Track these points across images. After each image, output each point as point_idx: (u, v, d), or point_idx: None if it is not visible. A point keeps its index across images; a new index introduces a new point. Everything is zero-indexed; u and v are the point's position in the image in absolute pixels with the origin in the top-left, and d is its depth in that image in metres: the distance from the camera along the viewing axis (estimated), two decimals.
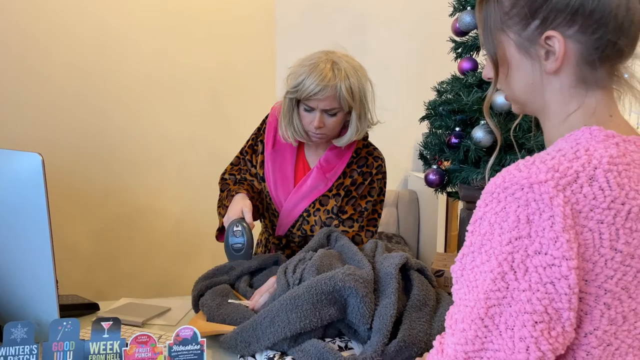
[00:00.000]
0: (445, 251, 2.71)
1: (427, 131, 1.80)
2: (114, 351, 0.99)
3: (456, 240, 2.57)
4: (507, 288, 0.63)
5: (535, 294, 0.61)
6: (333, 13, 2.94)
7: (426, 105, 1.77)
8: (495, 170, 1.51)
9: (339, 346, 1.10)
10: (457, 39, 1.73)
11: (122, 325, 1.21)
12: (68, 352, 0.98)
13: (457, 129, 1.63)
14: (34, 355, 0.97)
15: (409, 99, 2.88)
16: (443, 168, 1.69)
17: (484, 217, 0.67)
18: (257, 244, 1.68)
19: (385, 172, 1.57)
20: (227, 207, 1.43)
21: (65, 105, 2.04)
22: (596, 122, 0.72)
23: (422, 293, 1.15)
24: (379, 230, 2.97)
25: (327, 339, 1.11)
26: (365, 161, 1.53)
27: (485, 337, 0.64)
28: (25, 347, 0.97)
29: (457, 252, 1.73)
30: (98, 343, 0.99)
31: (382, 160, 1.57)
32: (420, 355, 1.05)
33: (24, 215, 1.06)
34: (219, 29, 2.44)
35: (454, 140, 1.61)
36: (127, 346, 0.96)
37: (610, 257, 0.63)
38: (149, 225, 2.31)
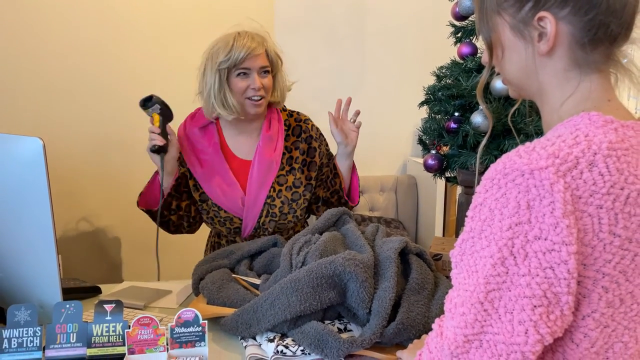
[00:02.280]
0: (443, 235, 2.73)
1: (426, 116, 1.80)
2: (117, 333, 1.01)
3: (454, 224, 2.58)
4: (507, 273, 0.64)
5: (535, 278, 0.62)
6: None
7: (425, 90, 1.76)
8: (494, 156, 1.52)
9: (338, 328, 1.11)
10: (457, 23, 1.72)
11: (124, 308, 1.23)
12: (71, 334, 1.00)
13: (456, 114, 1.63)
14: (38, 337, 0.99)
15: (408, 83, 2.88)
16: (442, 153, 1.70)
17: (484, 203, 0.67)
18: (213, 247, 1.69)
19: (317, 126, 1.65)
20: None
21: (67, 91, 2.04)
22: (594, 107, 0.72)
23: (420, 277, 1.16)
24: (378, 215, 2.99)
25: (327, 321, 1.13)
26: (300, 128, 1.59)
27: (485, 321, 0.65)
28: (29, 329, 0.99)
29: (456, 236, 1.74)
30: (101, 325, 1.01)
31: (309, 118, 1.65)
32: (418, 337, 1.06)
33: (26, 200, 1.07)
34: (220, 20, 2.43)
35: (452, 125, 1.62)
36: (129, 328, 0.98)
37: (609, 241, 0.64)
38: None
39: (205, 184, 1.54)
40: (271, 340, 1.07)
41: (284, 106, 1.65)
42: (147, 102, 1.46)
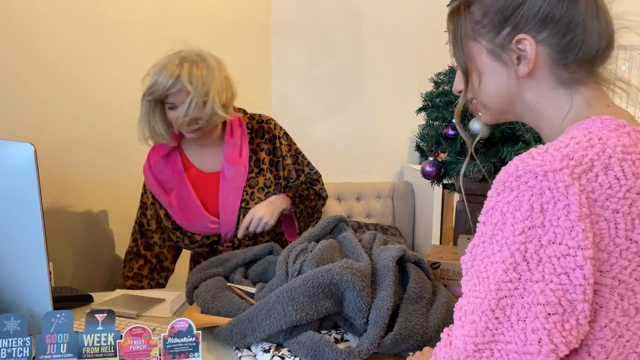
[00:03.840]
0: (440, 243, 2.72)
1: (424, 123, 1.79)
2: (108, 343, 0.99)
3: (452, 232, 2.57)
4: (520, 279, 0.62)
5: (549, 284, 0.60)
6: (329, 5, 2.92)
7: (423, 97, 1.75)
8: (492, 163, 1.51)
9: (335, 338, 1.10)
10: None
11: (116, 317, 1.20)
12: (62, 345, 0.97)
13: (454, 120, 1.62)
14: (27, 348, 0.97)
15: (405, 90, 2.87)
16: (440, 160, 1.69)
17: (495, 207, 0.66)
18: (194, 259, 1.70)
19: (280, 125, 1.63)
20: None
21: (59, 96, 2.02)
22: (594, 114, 0.72)
23: (418, 286, 1.14)
24: (375, 222, 2.97)
25: (323, 331, 1.11)
26: (263, 130, 1.59)
27: (496, 329, 0.63)
28: (19, 339, 0.97)
29: (453, 244, 1.72)
30: (92, 335, 0.98)
31: (272, 118, 1.63)
32: (417, 347, 1.05)
33: (16, 206, 1.04)
34: (217, 23, 2.42)
35: (450, 132, 1.60)
36: (121, 338, 0.96)
37: (625, 247, 0.62)
38: None
39: (173, 213, 1.55)
40: (267, 351, 1.05)
41: (245, 110, 1.63)
42: None
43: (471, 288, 0.67)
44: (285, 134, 1.62)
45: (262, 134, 1.57)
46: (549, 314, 0.60)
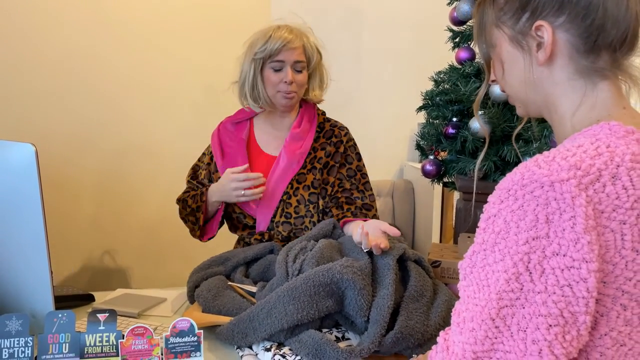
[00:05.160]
0: (440, 242, 2.72)
1: (424, 121, 1.79)
2: (110, 343, 0.99)
3: (452, 231, 2.57)
4: (522, 289, 0.61)
5: (552, 296, 0.60)
6: (328, 3, 2.92)
7: (423, 95, 1.75)
8: (492, 162, 1.51)
9: (335, 337, 1.10)
10: (455, 28, 1.71)
11: (118, 317, 1.21)
12: (64, 344, 0.98)
13: (454, 119, 1.62)
14: (29, 348, 0.97)
15: (405, 88, 2.87)
16: (440, 159, 1.69)
17: (498, 215, 0.65)
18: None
19: (354, 139, 1.62)
20: (206, 201, 1.51)
21: (60, 96, 2.02)
22: (608, 115, 0.70)
23: (419, 284, 1.14)
24: None
25: (324, 330, 1.11)
26: (332, 132, 1.58)
27: (496, 338, 0.62)
28: (20, 339, 0.97)
29: (454, 242, 1.72)
30: (94, 335, 0.99)
31: (347, 129, 1.62)
32: (417, 345, 1.05)
33: (17, 207, 1.05)
34: (215, 21, 2.42)
35: (451, 130, 1.61)
36: (123, 338, 0.96)
37: (631, 258, 0.61)
38: (144, 215, 2.30)
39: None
40: (268, 350, 1.05)
41: (324, 112, 1.64)
42: None
43: (470, 294, 0.66)
44: (354, 146, 1.59)
45: (330, 136, 1.56)
46: (550, 326, 0.59)
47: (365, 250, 1.17)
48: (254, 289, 1.25)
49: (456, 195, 2.09)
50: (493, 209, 0.66)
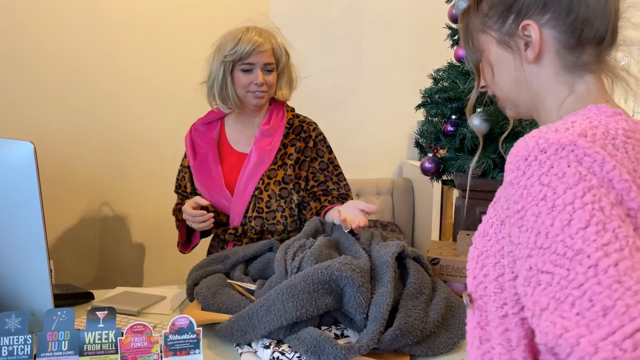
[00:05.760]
0: (439, 239, 2.72)
1: (423, 119, 1.79)
2: (110, 341, 0.99)
3: (451, 228, 2.57)
4: (617, 237, 0.55)
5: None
6: (327, 0, 2.91)
7: (422, 93, 1.75)
8: (491, 159, 1.51)
9: (335, 334, 1.10)
10: (454, 25, 1.71)
11: (117, 314, 1.21)
12: (63, 342, 0.98)
13: (453, 116, 1.62)
14: (29, 345, 0.97)
15: (404, 86, 2.87)
16: (439, 156, 1.69)
17: (528, 185, 0.60)
18: (209, 251, 1.70)
19: (323, 133, 1.64)
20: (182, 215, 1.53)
21: (59, 93, 2.02)
22: (594, 105, 0.71)
23: (418, 281, 1.15)
24: (374, 218, 2.97)
25: (323, 327, 1.11)
26: (301, 128, 1.60)
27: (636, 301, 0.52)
28: (20, 337, 0.97)
29: (453, 240, 1.70)
30: (93, 333, 0.99)
31: (316, 124, 1.65)
32: (416, 343, 1.05)
33: (16, 205, 1.05)
34: (213, 18, 2.41)
35: (449, 128, 1.60)
36: (122, 335, 0.96)
37: None
38: (144, 213, 2.30)
39: (196, 175, 1.59)
40: (267, 347, 1.05)
41: (293, 109, 1.66)
42: None
43: (560, 281, 0.56)
44: (324, 140, 1.62)
45: (299, 132, 1.59)
46: None
47: (346, 231, 1.28)
48: (253, 286, 1.25)
49: (455, 192, 2.09)
50: (520, 184, 0.61)
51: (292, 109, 1.66)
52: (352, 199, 1.56)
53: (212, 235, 1.68)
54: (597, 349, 0.50)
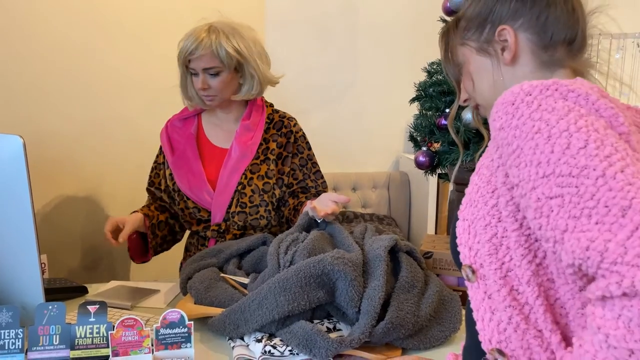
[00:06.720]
0: (436, 233, 2.72)
1: (417, 113, 1.79)
2: (101, 335, 0.99)
3: (446, 221, 2.57)
4: (617, 150, 0.57)
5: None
6: None
7: (416, 87, 1.75)
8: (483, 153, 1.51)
9: (327, 327, 1.10)
10: (448, 18, 1.70)
11: (110, 308, 1.21)
12: (54, 336, 0.98)
13: (447, 110, 1.61)
14: (20, 340, 0.97)
15: (400, 80, 2.86)
16: (433, 150, 1.68)
17: (519, 125, 0.62)
18: (186, 248, 1.69)
19: (302, 129, 1.64)
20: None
21: (50, 90, 2.01)
22: None
23: (410, 275, 1.15)
24: (371, 211, 2.98)
25: (316, 321, 1.11)
26: (282, 123, 1.60)
27: None
28: (11, 331, 0.97)
29: (447, 233, 1.71)
30: (84, 327, 0.99)
31: (296, 119, 1.65)
32: (408, 336, 1.05)
33: (6, 199, 1.04)
34: (209, 14, 2.40)
35: (443, 122, 1.60)
36: (113, 329, 0.96)
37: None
38: (138, 207, 2.30)
39: (175, 171, 1.57)
40: (259, 341, 1.05)
41: (272, 104, 1.65)
42: None
43: (569, 200, 0.56)
44: (303, 136, 1.63)
45: (280, 127, 1.59)
46: None
47: (319, 220, 1.33)
48: (246, 280, 1.25)
49: (450, 186, 2.09)
50: (511, 126, 0.63)
51: (271, 104, 1.65)
52: None
53: (188, 232, 1.67)
54: (626, 249, 0.51)
